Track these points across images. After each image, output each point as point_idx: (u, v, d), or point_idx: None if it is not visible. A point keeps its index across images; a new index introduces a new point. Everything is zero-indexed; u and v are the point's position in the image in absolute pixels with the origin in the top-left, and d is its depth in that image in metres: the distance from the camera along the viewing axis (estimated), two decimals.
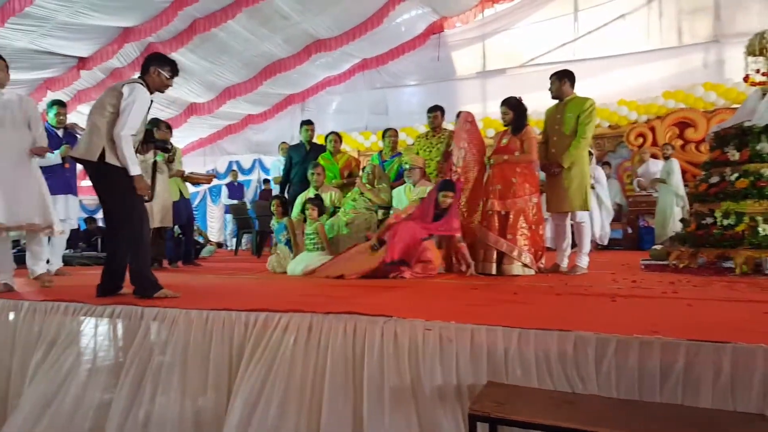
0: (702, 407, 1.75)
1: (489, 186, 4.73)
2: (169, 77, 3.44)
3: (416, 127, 11.42)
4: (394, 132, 6.25)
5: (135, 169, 3.23)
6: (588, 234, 4.77)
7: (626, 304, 2.81)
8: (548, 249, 5.47)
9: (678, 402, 1.81)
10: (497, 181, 4.65)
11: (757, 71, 4.78)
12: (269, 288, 4.06)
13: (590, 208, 4.78)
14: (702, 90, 9.87)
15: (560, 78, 4.69)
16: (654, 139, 9.90)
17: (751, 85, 4.91)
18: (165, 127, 5.92)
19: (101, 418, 2.59)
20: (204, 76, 11.09)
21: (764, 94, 4.67)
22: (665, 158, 8.19)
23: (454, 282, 4.14)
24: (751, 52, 4.83)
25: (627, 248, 8.84)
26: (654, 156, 9.00)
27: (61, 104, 5.54)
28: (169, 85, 3.49)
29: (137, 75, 3.45)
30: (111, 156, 3.20)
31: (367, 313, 2.35)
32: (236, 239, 10.20)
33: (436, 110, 5.82)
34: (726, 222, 4.40)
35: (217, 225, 14.48)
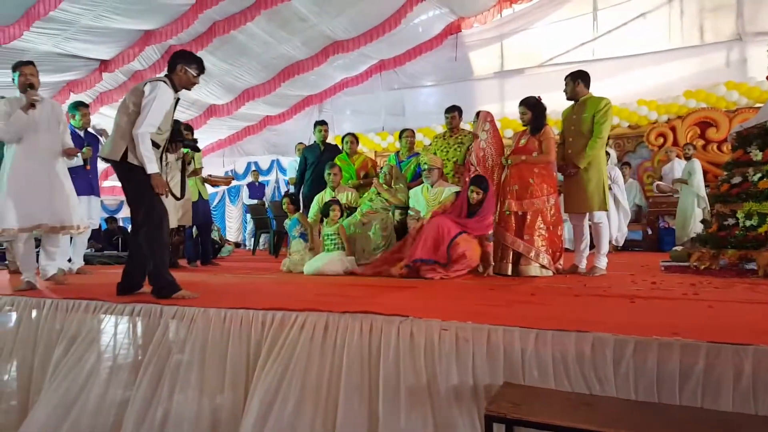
0: (722, 410, 1.72)
1: (506, 186, 4.71)
2: (196, 75, 3.43)
3: (433, 128, 11.42)
4: (411, 132, 6.26)
5: (152, 167, 3.22)
6: (606, 234, 4.71)
7: (646, 306, 2.78)
8: (568, 250, 5.44)
9: (698, 405, 1.78)
10: (514, 182, 4.63)
11: None
12: (286, 287, 4.08)
13: (609, 209, 4.72)
14: (724, 89, 9.70)
15: (574, 79, 4.67)
16: (675, 139, 9.75)
17: None
18: (185, 129, 5.99)
19: (121, 415, 2.63)
20: (223, 78, 11.20)
21: None
22: (686, 158, 8.06)
23: (471, 282, 4.13)
24: None
25: (646, 249, 8.72)
26: (677, 156, 8.87)
27: (85, 106, 5.65)
28: (196, 83, 3.47)
29: (164, 73, 3.45)
30: (132, 155, 3.22)
31: (384, 313, 2.36)
32: (254, 239, 10.29)
33: (454, 110, 5.81)
34: (748, 223, 4.32)
35: (236, 225, 14.62)
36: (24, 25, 7.75)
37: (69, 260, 5.32)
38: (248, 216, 12.00)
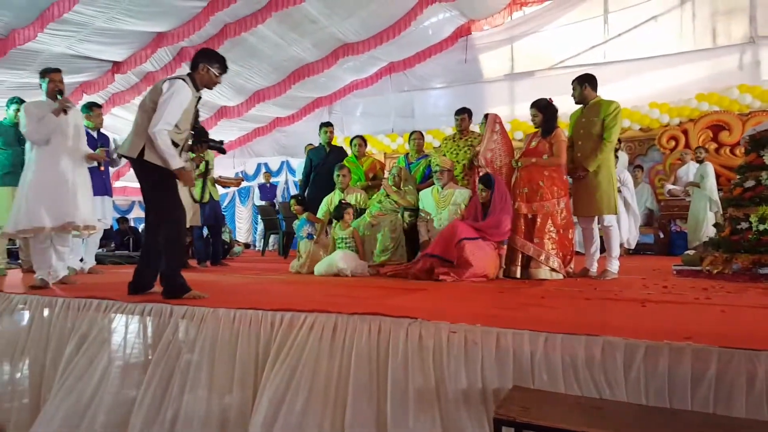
0: (735, 416, 1.70)
1: (516, 189, 4.70)
2: (218, 74, 3.42)
3: (443, 130, 11.41)
4: (420, 134, 6.27)
5: (176, 162, 3.18)
6: (617, 238, 4.68)
7: (657, 310, 2.75)
8: (579, 253, 5.40)
9: (710, 410, 1.76)
10: (524, 184, 4.61)
11: None
12: (295, 288, 4.08)
13: (618, 212, 4.69)
14: (737, 92, 9.60)
15: (581, 83, 4.65)
16: (687, 142, 9.67)
17: None
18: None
19: (131, 414, 2.65)
20: (234, 80, 11.26)
21: None
22: (698, 162, 7.99)
23: (481, 285, 4.12)
24: None
25: (658, 253, 8.65)
26: (691, 159, 8.79)
27: (98, 106, 5.71)
28: (218, 82, 3.46)
29: (187, 71, 3.44)
30: (150, 153, 3.19)
31: (392, 315, 2.35)
32: (264, 240, 10.32)
33: (464, 113, 5.81)
34: (762, 227, 4.28)
35: (246, 226, 14.69)
36: (38, 27, 7.85)
37: (81, 260, 5.38)
38: (258, 217, 12.06)
